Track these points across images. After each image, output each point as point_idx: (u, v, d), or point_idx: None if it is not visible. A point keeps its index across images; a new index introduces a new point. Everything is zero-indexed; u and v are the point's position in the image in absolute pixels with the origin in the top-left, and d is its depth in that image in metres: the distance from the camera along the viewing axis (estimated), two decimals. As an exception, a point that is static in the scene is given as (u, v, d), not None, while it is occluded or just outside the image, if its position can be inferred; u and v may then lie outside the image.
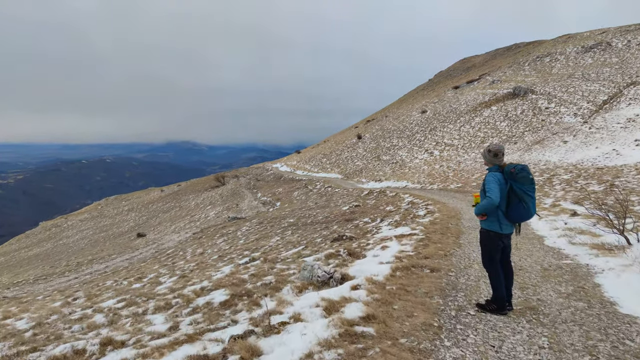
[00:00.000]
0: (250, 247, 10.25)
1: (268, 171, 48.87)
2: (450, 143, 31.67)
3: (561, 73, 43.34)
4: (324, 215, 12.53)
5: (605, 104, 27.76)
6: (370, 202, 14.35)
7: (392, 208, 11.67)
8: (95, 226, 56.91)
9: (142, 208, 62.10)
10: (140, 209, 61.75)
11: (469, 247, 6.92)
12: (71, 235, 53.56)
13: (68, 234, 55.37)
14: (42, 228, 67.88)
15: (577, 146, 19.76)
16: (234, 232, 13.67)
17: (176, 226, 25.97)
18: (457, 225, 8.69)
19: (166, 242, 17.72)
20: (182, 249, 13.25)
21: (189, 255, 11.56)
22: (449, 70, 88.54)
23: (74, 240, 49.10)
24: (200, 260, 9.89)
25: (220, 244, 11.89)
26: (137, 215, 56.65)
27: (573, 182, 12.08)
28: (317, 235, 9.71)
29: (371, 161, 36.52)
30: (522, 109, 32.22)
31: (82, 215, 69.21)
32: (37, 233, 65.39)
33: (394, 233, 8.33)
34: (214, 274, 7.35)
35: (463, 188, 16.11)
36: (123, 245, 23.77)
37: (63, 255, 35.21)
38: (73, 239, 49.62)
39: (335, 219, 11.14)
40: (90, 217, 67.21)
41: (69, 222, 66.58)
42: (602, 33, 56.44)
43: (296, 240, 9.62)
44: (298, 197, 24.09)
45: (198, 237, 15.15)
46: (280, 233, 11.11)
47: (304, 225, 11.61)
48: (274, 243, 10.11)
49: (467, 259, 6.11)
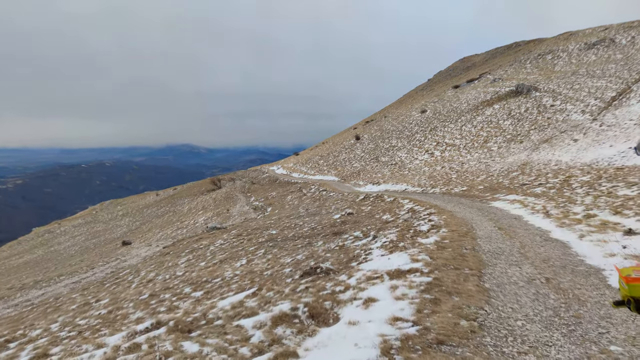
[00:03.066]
0: (199, 279, 8.39)
1: (264, 174, 47.58)
2: (452, 143, 30.35)
3: (564, 70, 42.10)
4: (311, 225, 11.12)
5: (614, 100, 26.45)
6: (365, 209, 13.02)
7: (389, 217, 10.27)
8: (87, 232, 55.61)
9: (136, 213, 60.86)
10: (134, 214, 60.51)
11: (502, 296, 4.62)
12: (63, 242, 52.28)
13: (60, 240, 54.07)
14: (35, 234, 66.61)
15: (589, 145, 18.45)
16: (205, 247, 12.28)
17: (163, 233, 24.69)
18: (474, 250, 6.61)
19: (130, 258, 16.33)
20: (136, 271, 11.80)
21: (133, 285, 10.06)
22: (449, 70, 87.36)
23: (65, 247, 47.81)
24: (117, 306, 7.95)
25: (179, 266, 10.48)
26: (131, 220, 55.42)
27: (596, 184, 10.71)
28: (290, 261, 8.00)
29: (369, 163, 35.21)
30: (526, 106, 30.93)
31: (75, 221, 67.94)
32: (30, 239, 64.09)
33: (387, 265, 6.17)
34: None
35: (469, 192, 14.67)
36: (106, 254, 22.49)
37: (51, 263, 33.92)
38: (64, 246, 48.33)
39: (323, 231, 9.73)
40: (83, 223, 65.93)
41: (62, 228, 65.31)
42: (605, 30, 55.23)
43: (260, 270, 8.02)
44: (290, 202, 22.79)
45: (165, 254, 13.74)
46: (252, 252, 9.63)
47: (283, 240, 10.17)
48: (231, 273, 8.36)
49: (507, 327, 3.79)
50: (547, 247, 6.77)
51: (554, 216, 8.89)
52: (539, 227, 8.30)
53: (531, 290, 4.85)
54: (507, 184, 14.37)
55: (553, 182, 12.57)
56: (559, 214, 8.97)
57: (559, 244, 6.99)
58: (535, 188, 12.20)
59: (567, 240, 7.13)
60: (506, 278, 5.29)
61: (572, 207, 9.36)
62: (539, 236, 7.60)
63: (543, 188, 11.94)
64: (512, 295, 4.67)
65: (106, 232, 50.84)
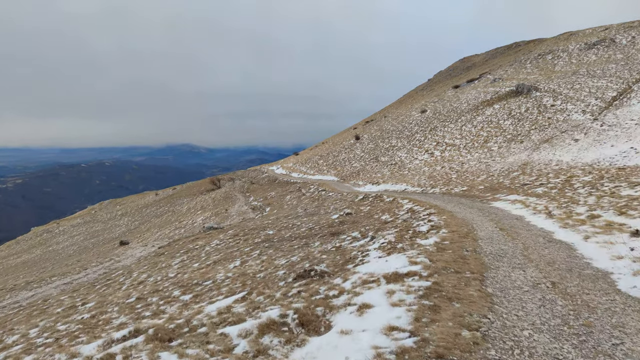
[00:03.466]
0: (190, 282, 8.11)
1: (263, 174, 47.33)
2: (452, 143, 30.14)
3: (565, 70, 41.90)
4: (309, 226, 10.88)
5: (615, 100, 26.26)
6: (364, 209, 12.77)
7: (388, 217, 10.04)
8: (86, 232, 55.38)
9: (135, 213, 60.65)
10: (133, 214, 60.30)
11: (506, 302, 4.34)
12: (61, 242, 52.04)
13: (58, 240, 53.84)
14: (34, 234, 66.38)
15: (590, 144, 18.22)
16: (200, 247, 12.02)
17: (161, 233, 24.42)
18: (475, 252, 6.30)
19: (124, 259, 16.08)
20: (128, 273, 11.54)
21: (124, 287, 9.79)
22: (449, 70, 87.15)
23: (63, 246, 47.59)
24: (101, 310, 7.66)
25: (172, 267, 10.21)
26: (130, 220, 55.22)
27: (598, 184, 10.49)
28: (285, 263, 7.75)
29: (369, 163, 34.98)
30: (526, 106, 30.72)
31: (74, 220, 67.71)
32: (28, 239, 63.85)
33: (384, 268, 5.85)
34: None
35: (469, 192, 14.43)
36: (103, 254, 22.24)
37: (49, 263, 33.68)
38: (63, 245, 48.12)
39: (320, 232, 9.50)
40: (82, 222, 65.69)
41: (61, 228, 65.07)
42: (605, 30, 55.07)
43: (253, 272, 7.75)
44: (289, 202, 22.53)
45: (160, 254, 13.47)
46: (247, 253, 9.37)
47: (280, 241, 9.91)
48: (223, 275, 8.04)
49: (513, 338, 3.54)
50: (552, 249, 6.54)
51: (557, 217, 8.64)
52: (542, 228, 8.06)
53: (537, 295, 4.61)
54: (507, 184, 14.15)
55: (554, 182, 12.34)
56: (562, 215, 8.71)
57: (564, 245, 6.74)
58: (537, 188, 11.98)
59: (571, 241, 6.86)
60: (510, 282, 5.00)
61: (575, 207, 9.07)
62: (543, 237, 7.34)
63: (544, 188, 11.71)
64: (516, 302, 4.42)
65: (105, 231, 50.63)
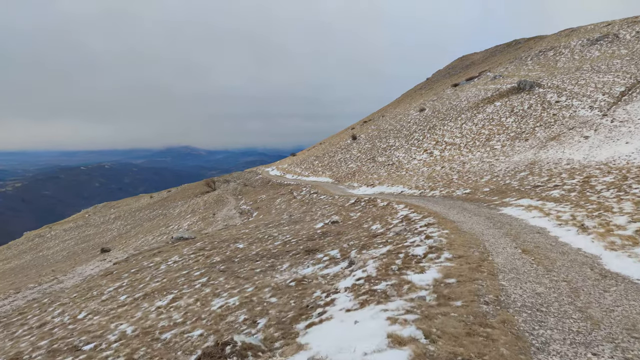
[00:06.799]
0: (71, 341, 6.16)
1: (257, 175, 46.01)
2: (452, 142, 28.82)
3: (568, 66, 40.58)
4: (286, 238, 9.45)
5: (624, 95, 24.94)
6: (353, 216, 11.45)
7: (379, 228, 8.65)
8: (78, 236, 54.09)
9: (128, 216, 59.43)
10: (126, 217, 59.10)
11: None
12: (52, 247, 50.77)
13: (49, 245, 52.57)
14: (26, 238, 65.17)
15: (601, 142, 16.90)
16: (155, 265, 10.56)
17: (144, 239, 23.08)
18: (499, 304, 3.96)
19: (70, 278, 14.60)
20: (48, 304, 10.00)
21: (18, 332, 8.20)
22: (448, 69, 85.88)
23: (53, 252, 46.30)
24: None
25: (100, 298, 8.76)
26: (122, 224, 54.01)
27: (624, 186, 9.10)
28: (218, 308, 5.84)
29: (365, 163, 33.67)
30: (529, 103, 29.40)
31: (67, 225, 66.44)
32: (20, 244, 62.59)
33: (346, 341, 3.48)
34: None
35: (473, 195, 13.04)
36: (82, 261, 20.93)
37: (34, 270, 32.39)
38: (53, 251, 46.84)
39: (295, 248, 8.08)
40: (75, 227, 64.43)
41: (53, 232, 63.84)
42: (608, 25, 53.77)
43: (165, 326, 5.65)
44: (278, 206, 21.22)
45: (107, 274, 11.97)
46: (191, 281, 7.58)
47: (242, 260, 8.36)
48: (120, 332, 6.01)
49: None
50: (616, 295, 4.12)
51: (594, 230, 6.65)
52: (580, 250, 5.95)
53: None
54: (516, 186, 12.78)
55: (571, 183, 10.95)
56: (598, 227, 6.76)
57: (629, 284, 4.40)
58: (552, 191, 10.53)
59: (637, 276, 4.60)
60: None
61: (610, 216, 7.14)
62: (590, 268, 5.07)
63: (561, 191, 10.26)
64: None
65: (97, 236, 49.37)
